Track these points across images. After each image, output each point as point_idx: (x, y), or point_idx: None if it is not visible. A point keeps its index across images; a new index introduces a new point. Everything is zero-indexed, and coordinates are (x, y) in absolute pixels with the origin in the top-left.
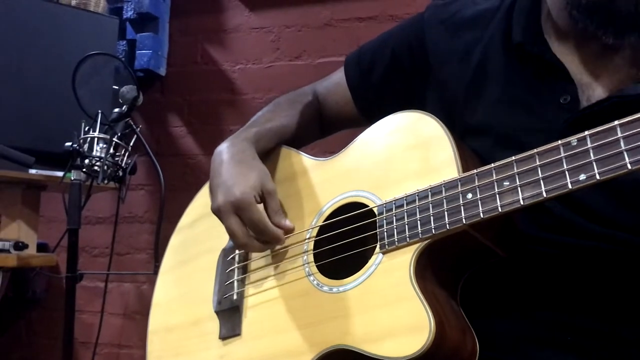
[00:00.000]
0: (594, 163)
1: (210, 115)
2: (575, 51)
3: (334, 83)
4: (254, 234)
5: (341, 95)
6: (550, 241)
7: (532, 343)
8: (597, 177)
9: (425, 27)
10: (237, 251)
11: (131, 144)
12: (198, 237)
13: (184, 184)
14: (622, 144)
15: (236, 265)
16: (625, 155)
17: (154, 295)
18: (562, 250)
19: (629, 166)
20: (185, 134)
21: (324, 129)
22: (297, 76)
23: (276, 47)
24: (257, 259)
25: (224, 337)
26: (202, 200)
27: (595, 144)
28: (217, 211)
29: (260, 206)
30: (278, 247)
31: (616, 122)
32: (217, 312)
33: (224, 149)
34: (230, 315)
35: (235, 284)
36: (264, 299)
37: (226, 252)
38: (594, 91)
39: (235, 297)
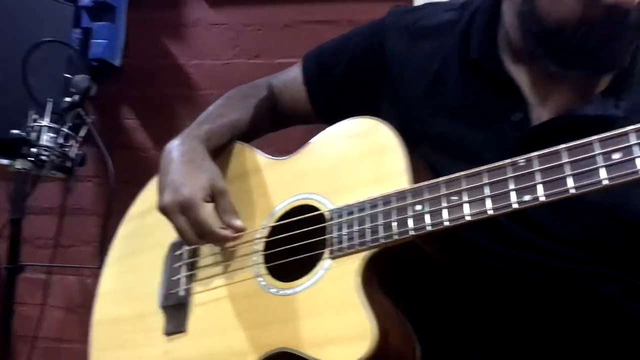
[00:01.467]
0: (540, 185)
1: (165, 110)
2: (528, 71)
3: (291, 78)
4: (199, 235)
5: (297, 92)
6: (498, 254)
7: (476, 354)
8: (541, 199)
9: (386, 33)
10: (185, 247)
11: (81, 134)
12: (148, 229)
13: (134, 178)
14: (567, 168)
15: (184, 261)
16: (570, 180)
17: (100, 284)
18: (510, 263)
19: (572, 191)
20: (137, 127)
21: (277, 123)
22: (255, 75)
23: (235, 44)
24: (207, 256)
25: (169, 333)
26: (152, 192)
27: (542, 167)
28: (163, 210)
29: (211, 206)
30: (228, 245)
31: (563, 146)
32: (163, 308)
33: (174, 147)
34: (176, 311)
35: (183, 279)
36: (211, 297)
37: (175, 247)
38: (544, 110)
39: (182, 293)
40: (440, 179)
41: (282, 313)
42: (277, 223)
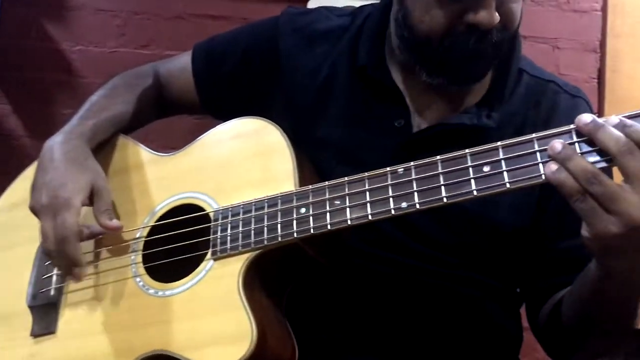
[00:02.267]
0: (416, 193)
1: (42, 96)
2: (411, 79)
3: (179, 68)
4: (55, 236)
5: (185, 82)
6: (376, 256)
7: (352, 352)
8: (417, 206)
9: (280, 33)
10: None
11: None
12: (18, 224)
13: (4, 167)
14: (441, 178)
15: None
16: (443, 190)
17: None
18: (386, 266)
19: (444, 200)
20: (10, 113)
21: (163, 112)
22: (142, 65)
23: (122, 32)
24: (82, 254)
25: (36, 335)
26: (26, 183)
27: (419, 176)
28: (36, 210)
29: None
30: (105, 244)
31: (438, 157)
32: (31, 307)
33: (55, 145)
34: (45, 311)
35: (54, 278)
36: (84, 297)
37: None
38: (425, 118)
39: (52, 292)
40: (325, 183)
41: (159, 314)
42: (159, 223)
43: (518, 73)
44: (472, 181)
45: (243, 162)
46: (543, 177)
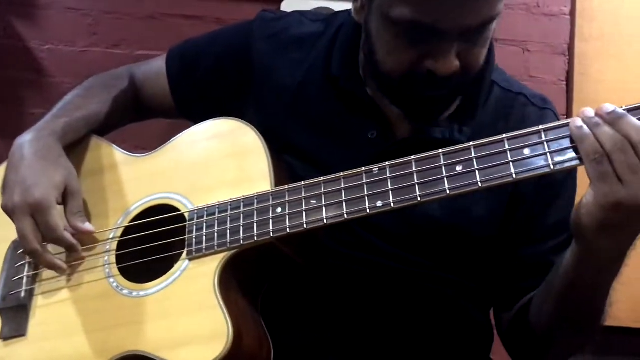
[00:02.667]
0: (390, 192)
1: (9, 95)
2: (385, 96)
3: (154, 72)
4: (48, 240)
5: (160, 86)
6: (352, 258)
7: (326, 351)
8: (392, 205)
9: (254, 38)
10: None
11: None
12: None
13: None
14: (415, 177)
15: (27, 260)
16: (417, 188)
17: None
18: (359, 266)
19: (419, 198)
20: None
21: (138, 115)
22: (114, 65)
23: (93, 32)
24: (53, 255)
25: (5, 337)
26: None
27: (393, 175)
28: (10, 210)
29: (61, 208)
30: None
31: (412, 157)
32: (1, 310)
33: (26, 143)
34: (15, 313)
35: (25, 280)
36: (56, 299)
37: (17, 245)
38: (397, 130)
39: (23, 294)
40: (301, 183)
41: (133, 315)
42: (133, 223)
43: (489, 85)
44: (445, 180)
45: (218, 163)
46: (514, 176)
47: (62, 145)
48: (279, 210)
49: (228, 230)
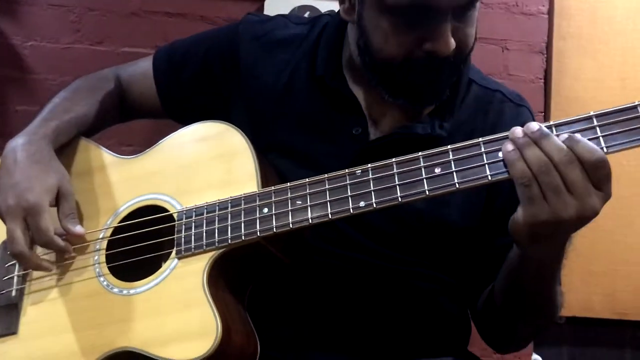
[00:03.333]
0: (373, 193)
1: None
2: (368, 90)
3: (140, 73)
4: (38, 243)
5: (147, 87)
6: (336, 255)
7: (310, 344)
8: (374, 205)
9: (240, 40)
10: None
11: None
12: None
13: None
14: (396, 179)
15: None
16: (398, 189)
17: None
18: (345, 263)
19: (400, 199)
20: None
21: (124, 116)
22: (98, 62)
23: (77, 28)
24: (43, 255)
25: None
26: None
27: (375, 176)
28: (3, 213)
29: (53, 211)
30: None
31: (394, 160)
32: None
33: (19, 146)
34: (6, 312)
35: (15, 279)
36: (47, 298)
37: (7, 246)
38: (381, 126)
39: (13, 293)
40: (287, 184)
41: (124, 313)
42: (122, 224)
43: (467, 83)
44: (425, 181)
45: (206, 164)
46: (489, 177)
47: (53, 148)
48: (265, 210)
49: (216, 230)
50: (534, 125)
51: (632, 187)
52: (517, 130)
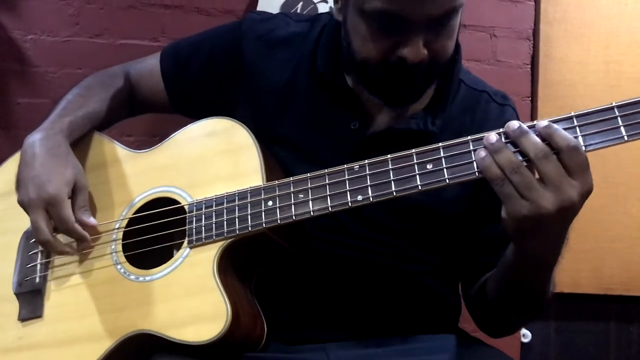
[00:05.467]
0: (370, 188)
1: None
2: (364, 86)
3: (148, 70)
4: (61, 231)
5: (154, 83)
6: (334, 242)
7: (313, 323)
8: (371, 199)
9: (243, 39)
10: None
11: None
12: (1, 216)
13: None
14: (391, 174)
15: (40, 248)
16: (392, 184)
17: None
18: (343, 249)
19: (394, 193)
20: None
21: (134, 111)
22: (97, 54)
23: (75, 22)
24: (64, 245)
25: (23, 319)
26: (4, 176)
27: (372, 172)
28: (26, 204)
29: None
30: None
31: (389, 156)
32: (17, 294)
33: (37, 141)
34: (31, 297)
35: (38, 267)
36: (68, 284)
37: (29, 235)
38: (377, 121)
39: (37, 280)
40: (290, 178)
41: (141, 298)
42: (137, 215)
43: (458, 83)
44: (418, 177)
45: (214, 159)
46: (477, 173)
47: (69, 143)
48: (270, 203)
49: (225, 222)
50: (514, 124)
51: (617, 167)
52: (491, 136)
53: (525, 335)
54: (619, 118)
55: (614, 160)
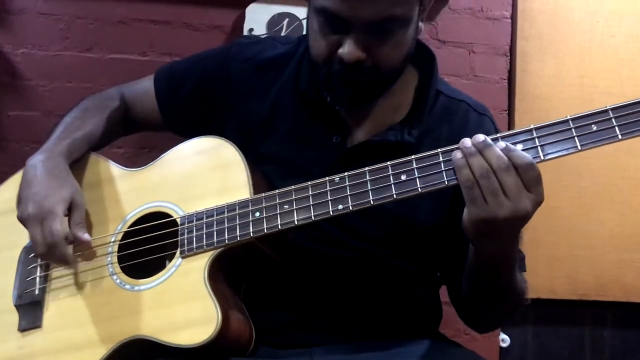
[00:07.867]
0: (349, 197)
1: None
2: (319, 86)
3: (142, 91)
4: (48, 243)
5: (148, 104)
6: (318, 251)
7: (299, 328)
8: (350, 208)
9: (231, 62)
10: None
11: None
12: (2, 232)
13: None
14: (369, 184)
15: (39, 262)
16: (370, 194)
17: None
18: (326, 258)
19: (372, 202)
20: None
21: (128, 130)
22: (86, 68)
23: (65, 36)
24: (70, 253)
25: (23, 329)
26: (3, 195)
27: (351, 183)
28: (25, 219)
29: (66, 219)
30: (83, 247)
31: (367, 168)
32: (17, 306)
33: (38, 163)
34: (31, 308)
35: (37, 280)
36: (66, 294)
37: (28, 250)
38: (357, 134)
39: (37, 292)
40: (276, 191)
41: (136, 306)
42: (131, 229)
43: (435, 94)
44: (393, 186)
45: (204, 174)
46: (446, 182)
47: (68, 163)
48: (257, 214)
49: (214, 232)
50: (479, 137)
51: (591, 178)
52: (466, 141)
53: (504, 340)
54: (573, 129)
55: (588, 173)
